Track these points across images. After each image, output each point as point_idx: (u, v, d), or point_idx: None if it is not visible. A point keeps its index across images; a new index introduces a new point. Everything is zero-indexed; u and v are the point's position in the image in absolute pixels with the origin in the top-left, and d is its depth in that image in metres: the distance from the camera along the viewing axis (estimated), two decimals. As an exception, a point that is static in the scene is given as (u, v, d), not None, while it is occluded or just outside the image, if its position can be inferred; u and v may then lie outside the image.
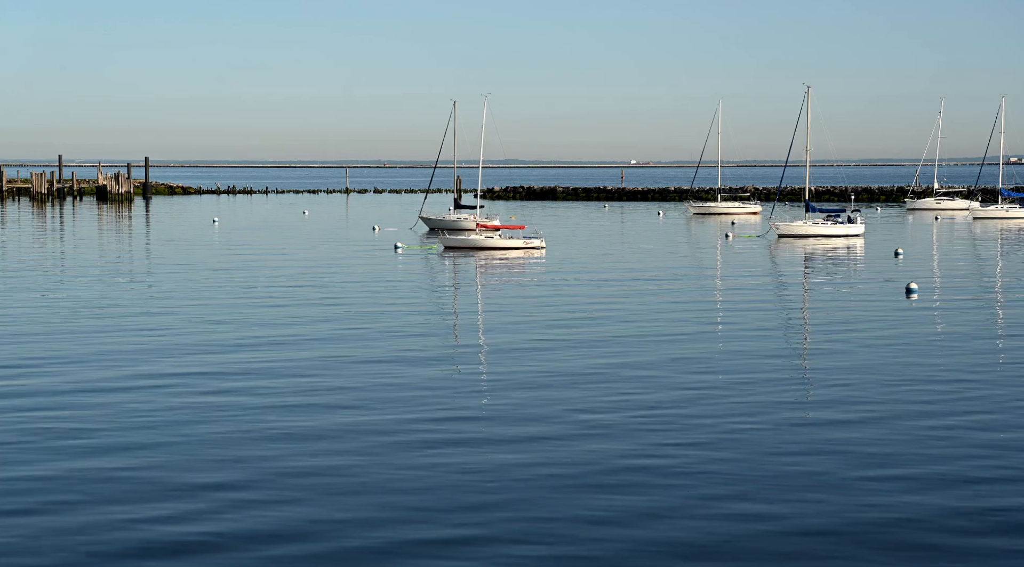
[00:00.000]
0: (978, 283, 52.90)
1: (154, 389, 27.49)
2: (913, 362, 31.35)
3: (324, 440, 22.55)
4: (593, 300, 45.70)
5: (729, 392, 27.14)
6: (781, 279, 56.10)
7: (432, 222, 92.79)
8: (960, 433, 23.12)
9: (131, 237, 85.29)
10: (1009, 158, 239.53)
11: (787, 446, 22.07)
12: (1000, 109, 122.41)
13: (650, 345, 34.19)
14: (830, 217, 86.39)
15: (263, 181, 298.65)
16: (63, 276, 56.03)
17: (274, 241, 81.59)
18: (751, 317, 40.63)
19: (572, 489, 19.23)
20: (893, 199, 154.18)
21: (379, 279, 54.49)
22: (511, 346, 33.99)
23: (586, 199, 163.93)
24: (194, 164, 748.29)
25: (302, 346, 33.95)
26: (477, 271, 59.33)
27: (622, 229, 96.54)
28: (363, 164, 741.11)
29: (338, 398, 26.51)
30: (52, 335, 36.09)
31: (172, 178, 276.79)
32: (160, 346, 33.92)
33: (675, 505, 18.39)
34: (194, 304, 44.07)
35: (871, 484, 19.47)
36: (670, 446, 22.07)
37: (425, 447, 22.00)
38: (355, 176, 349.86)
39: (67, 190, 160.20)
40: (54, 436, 22.85)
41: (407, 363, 31.12)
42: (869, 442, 22.32)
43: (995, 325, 39.16)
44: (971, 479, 19.79)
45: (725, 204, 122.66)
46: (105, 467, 20.62)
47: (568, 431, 23.28)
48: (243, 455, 21.41)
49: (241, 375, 29.33)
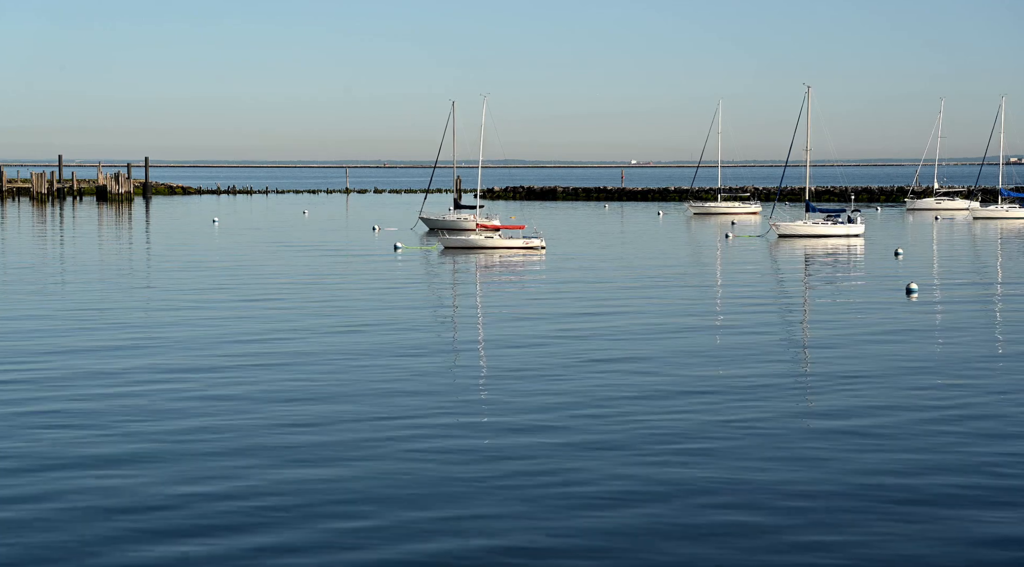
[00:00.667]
0: (978, 283, 52.90)
1: (153, 389, 27.48)
2: (913, 362, 31.33)
3: (324, 440, 22.54)
4: (592, 300, 45.66)
5: (730, 392, 27.09)
6: (781, 279, 56.09)
7: (432, 222, 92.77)
8: (960, 432, 23.09)
9: (131, 237, 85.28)
10: (1009, 158, 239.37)
11: (788, 446, 22.05)
12: (1000, 109, 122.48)
13: (650, 345, 34.17)
14: (830, 217, 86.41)
15: (263, 181, 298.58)
16: (63, 276, 55.98)
17: (274, 241, 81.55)
18: (751, 317, 40.60)
19: (571, 488, 19.23)
20: (893, 199, 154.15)
21: (379, 279, 54.47)
22: (510, 345, 33.96)
23: (586, 199, 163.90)
24: (194, 164, 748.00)
25: (301, 346, 33.92)
26: (477, 271, 59.32)
27: (622, 229, 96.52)
28: (363, 164, 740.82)
29: (337, 398, 26.49)
30: (51, 334, 36.10)
31: (172, 178, 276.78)
32: (159, 345, 33.88)
33: (673, 512, 18.37)
34: (193, 303, 44.03)
35: (872, 484, 19.46)
36: (670, 445, 22.05)
37: (424, 447, 21.99)
38: (355, 176, 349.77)
39: (67, 190, 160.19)
40: (48, 440, 22.87)
41: (406, 362, 31.08)
42: (868, 442, 22.30)
43: (995, 325, 39.16)
44: (972, 477, 19.79)
45: (725, 204, 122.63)
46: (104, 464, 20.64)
47: (568, 429, 23.28)
48: (242, 455, 21.41)
49: (241, 375, 29.31)
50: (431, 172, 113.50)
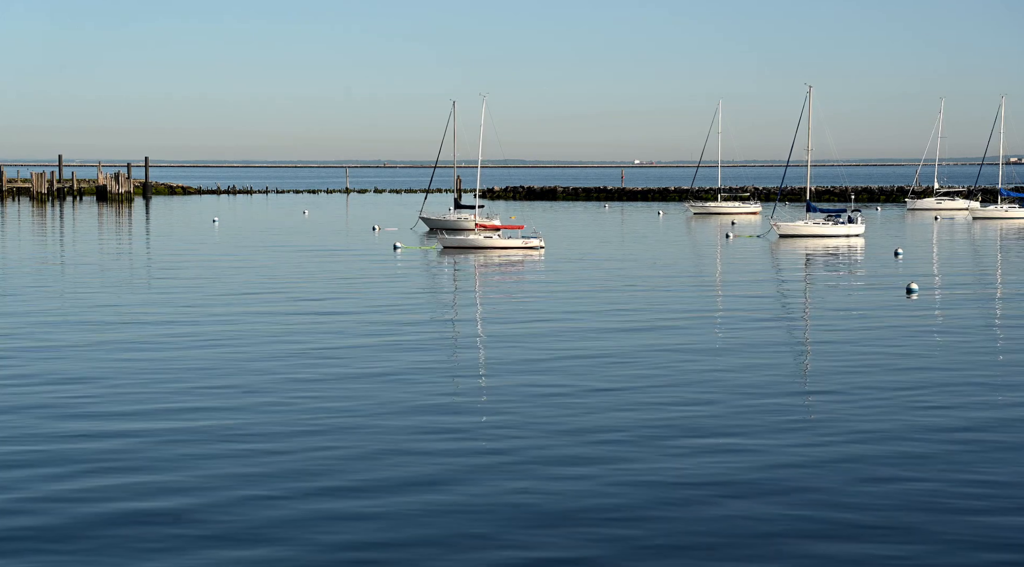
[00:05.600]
0: (978, 283, 52.87)
1: (152, 386, 27.48)
2: (914, 361, 31.30)
3: (323, 440, 22.53)
4: (592, 299, 45.63)
5: (729, 391, 27.08)
6: (781, 279, 56.06)
7: (432, 222, 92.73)
8: (960, 432, 23.07)
9: (131, 237, 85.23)
10: (1009, 158, 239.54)
11: (787, 446, 22.03)
12: (1000, 109, 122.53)
13: (650, 344, 34.14)
14: (831, 217, 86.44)
15: (263, 181, 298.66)
16: (63, 275, 55.96)
17: (274, 241, 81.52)
18: (751, 316, 40.57)
19: (570, 486, 19.20)
20: (893, 199, 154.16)
21: (378, 279, 54.43)
22: (509, 345, 33.95)
23: (586, 199, 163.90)
24: (194, 164, 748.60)
25: (300, 345, 33.90)
26: (476, 270, 59.29)
27: (622, 229, 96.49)
28: (363, 164, 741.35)
29: (334, 398, 26.47)
30: (51, 334, 36.09)
31: (172, 178, 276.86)
32: (157, 343, 33.88)
33: (672, 512, 18.35)
34: (192, 303, 44.00)
35: (871, 484, 19.43)
36: (669, 446, 22.04)
37: (424, 447, 21.97)
38: (355, 176, 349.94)
39: (67, 190, 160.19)
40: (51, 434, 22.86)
41: (405, 361, 31.07)
42: (869, 441, 22.28)
43: (995, 324, 39.12)
44: (972, 477, 19.76)
45: (725, 204, 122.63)
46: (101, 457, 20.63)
47: (567, 430, 23.26)
48: (241, 450, 21.39)
49: (239, 373, 29.30)
50: (431, 172, 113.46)
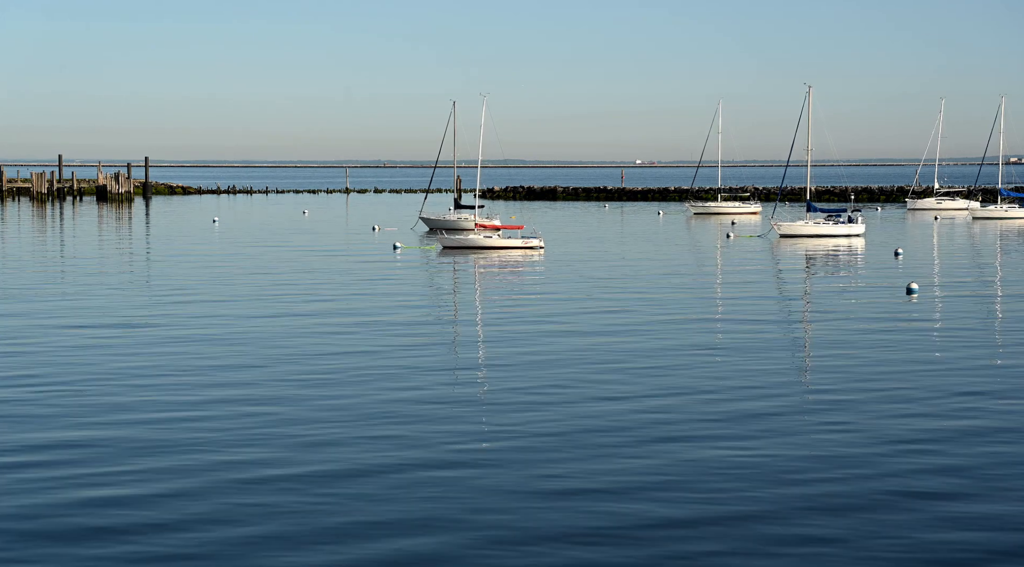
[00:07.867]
0: (978, 283, 52.87)
1: (152, 386, 27.47)
2: (914, 361, 31.30)
3: (322, 440, 22.52)
4: (591, 299, 45.62)
5: (729, 390, 27.08)
6: (782, 279, 56.06)
7: (432, 222, 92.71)
8: (960, 432, 23.07)
9: (131, 237, 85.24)
10: (1009, 158, 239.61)
11: (787, 446, 22.02)
12: (1000, 109, 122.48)
13: (650, 344, 34.14)
14: (831, 217, 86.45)
15: (263, 181, 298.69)
16: (62, 275, 55.96)
17: (274, 241, 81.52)
18: (752, 316, 40.57)
19: (569, 486, 19.20)
20: (893, 199, 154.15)
21: (378, 279, 54.44)
22: (508, 345, 33.95)
23: (586, 199, 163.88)
24: (194, 164, 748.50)
25: (300, 345, 33.91)
26: (475, 270, 59.29)
27: (622, 229, 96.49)
28: (363, 164, 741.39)
29: (333, 398, 26.47)
30: (49, 333, 36.09)
31: (172, 178, 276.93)
32: (157, 343, 33.89)
33: (671, 509, 18.35)
34: (192, 303, 44.01)
35: (871, 485, 19.42)
36: (670, 446, 22.03)
37: (424, 446, 21.96)
38: (355, 176, 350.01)
39: (67, 190, 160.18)
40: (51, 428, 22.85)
41: (403, 361, 31.07)
42: (869, 442, 22.27)
43: (995, 324, 39.12)
44: (972, 476, 19.75)
45: (725, 204, 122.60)
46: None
47: (568, 428, 23.27)
48: (240, 450, 21.39)
49: (239, 372, 29.30)
50: (431, 172, 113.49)
